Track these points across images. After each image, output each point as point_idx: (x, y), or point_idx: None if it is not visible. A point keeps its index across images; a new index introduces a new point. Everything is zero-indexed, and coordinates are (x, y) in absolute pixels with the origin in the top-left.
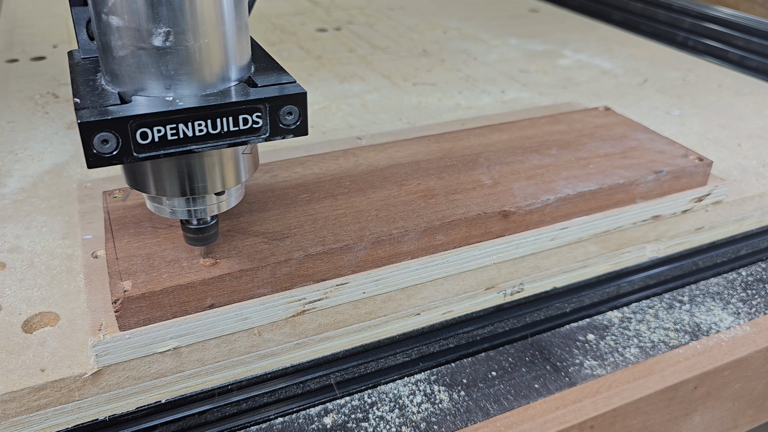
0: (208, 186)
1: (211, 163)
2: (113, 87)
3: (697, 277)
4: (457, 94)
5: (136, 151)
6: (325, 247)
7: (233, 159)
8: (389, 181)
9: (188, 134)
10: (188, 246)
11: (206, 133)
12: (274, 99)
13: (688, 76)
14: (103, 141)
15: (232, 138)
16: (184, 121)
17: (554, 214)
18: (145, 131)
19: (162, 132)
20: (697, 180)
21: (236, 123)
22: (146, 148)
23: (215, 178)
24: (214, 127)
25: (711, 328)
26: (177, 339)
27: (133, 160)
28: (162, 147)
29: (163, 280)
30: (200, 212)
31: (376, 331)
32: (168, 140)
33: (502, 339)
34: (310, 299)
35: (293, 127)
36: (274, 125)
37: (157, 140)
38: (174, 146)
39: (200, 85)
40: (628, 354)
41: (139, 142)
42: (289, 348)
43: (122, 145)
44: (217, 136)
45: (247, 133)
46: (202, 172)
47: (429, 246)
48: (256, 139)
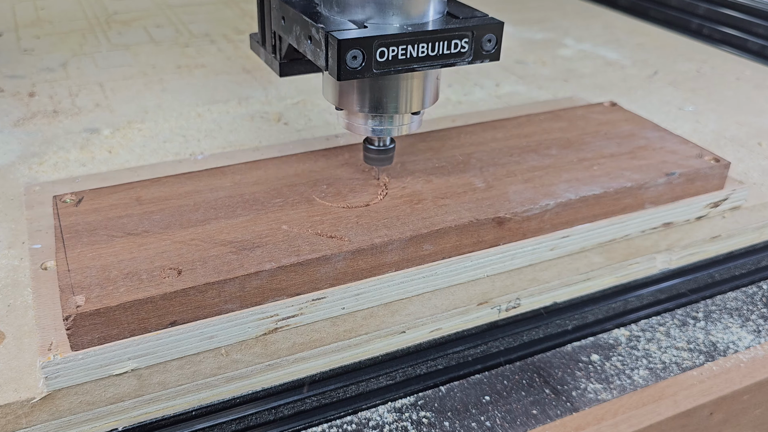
0: (402, 106)
1: (416, 84)
2: (341, 17)
3: (713, 290)
4: (447, 87)
5: (375, 68)
6: (300, 257)
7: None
8: (371, 184)
9: (413, 54)
10: (148, 257)
11: (426, 54)
12: (479, 27)
13: (703, 67)
14: (353, 57)
15: (445, 60)
16: (412, 43)
17: (554, 221)
18: (383, 50)
19: (395, 51)
20: (712, 183)
21: (449, 47)
22: (382, 65)
23: (416, 97)
24: (433, 50)
25: (728, 348)
26: (136, 360)
27: (372, 75)
28: (393, 65)
29: (120, 295)
30: (395, 130)
31: (356, 350)
32: (398, 59)
33: (496, 360)
34: (284, 316)
35: (492, 51)
36: (477, 50)
37: (390, 59)
38: (401, 64)
39: (416, 16)
40: (637, 376)
41: (378, 59)
42: (260, 370)
43: (366, 60)
44: (435, 57)
45: (455, 57)
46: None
47: (415, 256)
48: (462, 62)
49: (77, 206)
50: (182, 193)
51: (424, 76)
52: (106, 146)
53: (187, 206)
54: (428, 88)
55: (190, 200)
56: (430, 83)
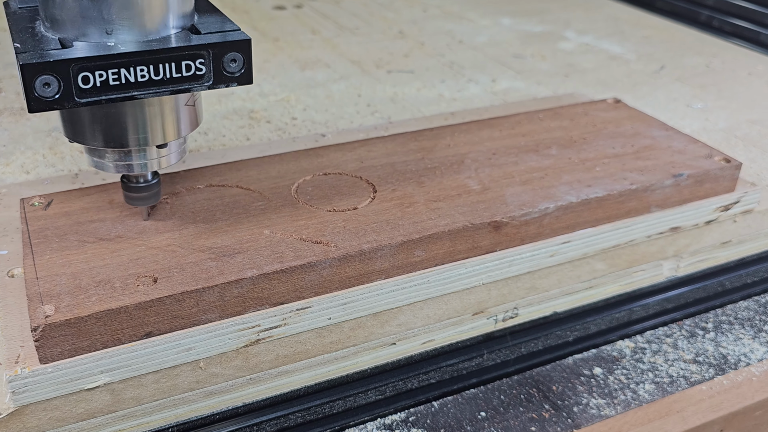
0: (149, 137)
1: (153, 113)
2: (53, 33)
3: (723, 300)
4: (440, 83)
5: (78, 96)
6: (284, 264)
7: (174, 110)
8: (359, 187)
9: (130, 79)
10: (122, 264)
11: (149, 78)
12: (218, 45)
13: (713, 62)
14: (45, 84)
15: (176, 84)
16: (126, 66)
17: (554, 225)
18: (86, 75)
19: (104, 76)
20: (723, 185)
21: (179, 69)
22: (88, 93)
23: (156, 128)
24: (157, 73)
25: (740, 361)
26: (108, 373)
27: (75, 105)
28: (104, 92)
29: (92, 304)
30: (141, 167)
31: (343, 363)
32: (110, 85)
33: (492, 373)
34: (266, 326)
35: (237, 74)
36: (218, 73)
37: (99, 85)
38: (116, 91)
39: (141, 32)
40: (642, 391)
41: (81, 86)
42: (241, 384)
43: (64, 88)
44: (160, 82)
45: (190, 81)
46: (143, 121)
47: (406, 263)
48: (199, 87)
49: (46, 210)
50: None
51: (164, 102)
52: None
53: (163, 210)
54: (180, 115)
55: (166, 204)
56: (181, 109)
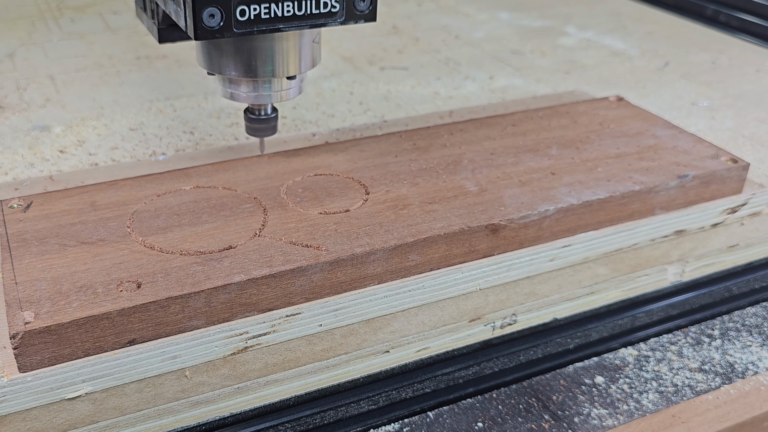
0: (283, 68)
1: (289, 46)
2: None
3: (730, 306)
4: (435, 80)
5: (236, 27)
6: (273, 268)
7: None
8: (351, 188)
9: (278, 13)
10: (104, 268)
11: (293, 14)
12: None
13: (720, 58)
14: (210, 15)
15: (314, 20)
16: (276, 1)
17: (554, 228)
18: (243, 8)
19: (257, 10)
20: (730, 186)
21: (318, 5)
22: (244, 24)
23: (291, 60)
24: (300, 9)
25: (748, 369)
26: (90, 382)
27: (233, 34)
28: (256, 24)
29: (73, 310)
30: (268, 97)
31: (335, 372)
32: (261, 18)
33: (490, 382)
34: (254, 333)
35: (366, 12)
36: (350, 10)
37: (252, 18)
38: (266, 23)
39: None
40: (646, 401)
41: (238, 18)
42: (228, 394)
43: (225, 19)
44: (302, 17)
45: (325, 17)
46: (282, 53)
47: (400, 268)
48: (333, 22)
49: (25, 212)
50: (142, 198)
51: (298, 36)
52: (57, 145)
53: (147, 212)
54: (304, 50)
55: (150, 206)
56: (306, 45)
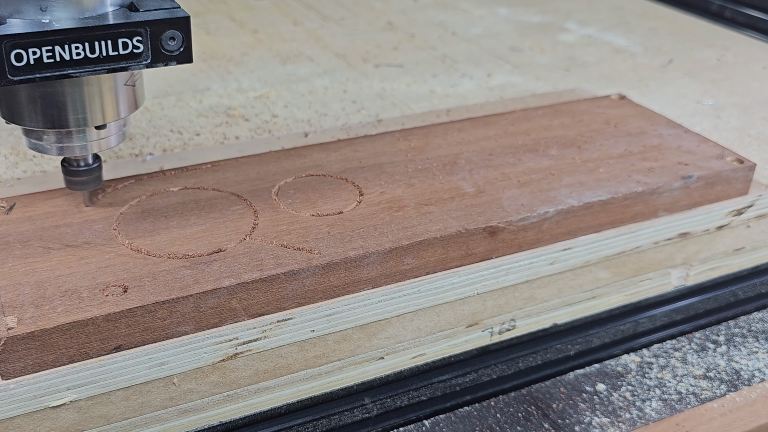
0: (88, 117)
1: (90, 92)
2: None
3: (736, 311)
4: (431, 78)
5: (11, 74)
6: (263, 272)
7: (113, 89)
8: (344, 190)
9: (65, 57)
10: (90, 272)
11: (84, 56)
12: (155, 23)
13: (725, 55)
14: None
15: (112, 63)
16: (61, 43)
17: (554, 230)
18: (19, 52)
19: (38, 54)
20: (735, 187)
21: (115, 47)
22: (22, 70)
23: (95, 108)
24: (92, 51)
25: (754, 376)
26: (75, 390)
27: (8, 83)
28: (38, 70)
29: (58, 315)
30: (80, 149)
31: (327, 379)
32: (44, 63)
33: (488, 390)
34: (244, 339)
35: (176, 53)
36: (156, 51)
37: (32, 62)
38: (51, 69)
39: (77, 9)
40: (649, 409)
41: (14, 63)
42: (218, 401)
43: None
44: (96, 60)
45: (127, 59)
46: (81, 100)
47: (395, 271)
48: (137, 65)
49: (8, 214)
50: (128, 200)
51: (102, 81)
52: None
53: (133, 214)
54: (119, 95)
55: (137, 207)
56: (120, 88)
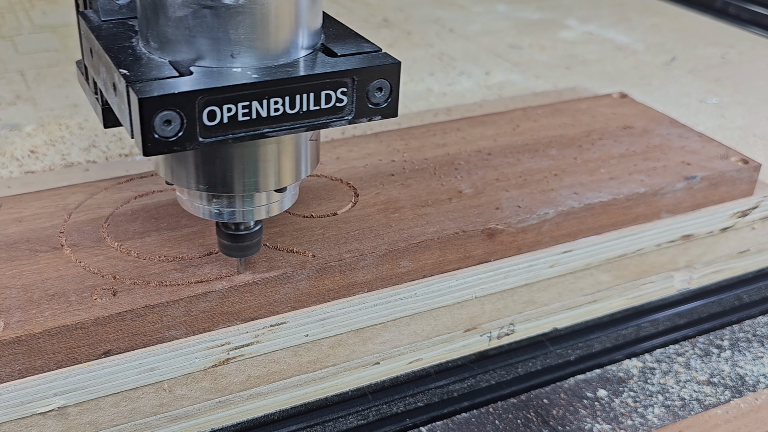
0: (265, 181)
1: (266, 153)
2: (160, 55)
3: (740, 315)
4: (428, 76)
5: (202, 135)
6: (256, 275)
7: (296, 148)
8: (339, 191)
9: (262, 114)
10: (78, 275)
11: (282, 113)
12: (363, 71)
13: (729, 52)
14: (166, 122)
15: (312, 119)
16: (259, 98)
17: (554, 232)
18: (213, 110)
19: (233, 111)
20: (740, 188)
21: (317, 101)
22: (213, 130)
23: (281, 169)
24: (293, 106)
25: (759, 382)
26: (63, 396)
27: (197, 145)
28: (231, 129)
29: (45, 320)
30: (246, 214)
31: (322, 385)
32: (238, 121)
33: (486, 396)
34: (237, 344)
35: (383, 105)
36: (361, 104)
37: (226, 121)
38: (245, 128)
39: (270, 54)
40: (651, 415)
41: (206, 123)
42: (209, 408)
43: (187, 126)
44: (295, 116)
45: (328, 114)
46: (255, 163)
47: (391, 275)
48: (338, 122)
49: None
50: (117, 201)
51: (290, 139)
52: (28, 145)
53: (123, 216)
54: (301, 153)
55: (126, 208)
56: (303, 145)
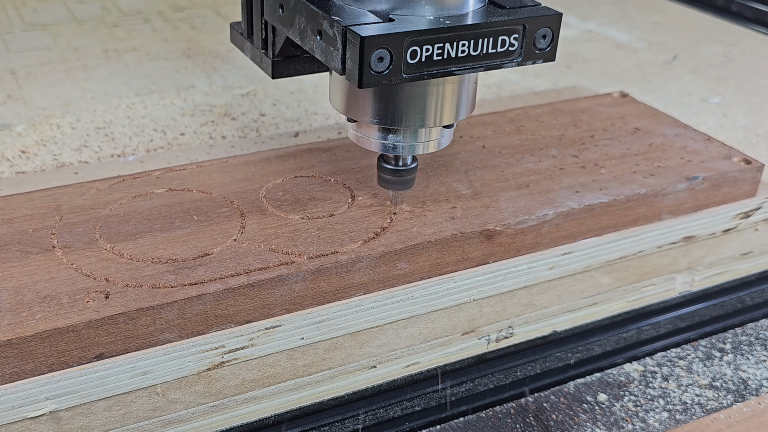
0: (442, 116)
1: (454, 90)
2: (359, 6)
3: (743, 317)
4: None
5: (405, 71)
6: (251, 277)
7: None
8: (335, 191)
9: (452, 54)
10: (70, 277)
11: (467, 54)
12: (531, 20)
13: (732, 51)
14: (379, 59)
15: (489, 60)
16: (450, 41)
17: (554, 234)
18: (415, 50)
19: (429, 51)
20: (743, 189)
21: (495, 45)
22: (414, 67)
23: (456, 106)
24: (475, 48)
25: (762, 386)
26: (55, 400)
27: (401, 80)
28: (427, 67)
29: (36, 322)
30: (419, 147)
31: (318, 389)
32: (433, 60)
33: (484, 400)
34: (231, 347)
35: (546, 50)
36: (528, 49)
37: (423, 60)
38: (438, 66)
39: (455, 5)
40: (652, 420)
41: (409, 61)
42: (203, 412)
43: (394, 63)
44: (477, 57)
45: (501, 57)
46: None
47: (388, 276)
48: (509, 63)
49: None
50: (110, 202)
51: (459, 81)
52: (19, 145)
53: (115, 217)
54: (464, 95)
55: (119, 210)
56: (467, 89)
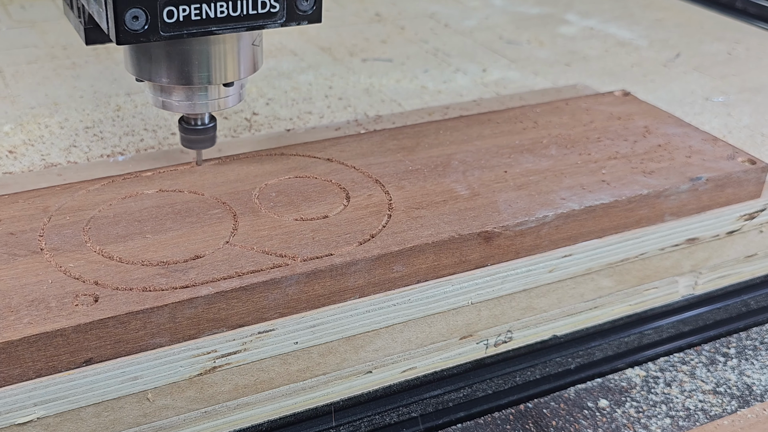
0: (217, 75)
1: (220, 50)
2: None
3: (747, 321)
4: (423, 73)
5: (162, 30)
6: (243, 280)
7: (241, 49)
8: (330, 192)
9: (210, 15)
10: (58, 280)
11: (227, 14)
12: None
13: (736, 48)
14: (134, 17)
15: (251, 21)
16: (207, 2)
17: (553, 236)
18: (171, 9)
19: (187, 11)
20: (747, 190)
21: (255, 6)
22: (171, 26)
23: (223, 66)
24: (234, 9)
25: (767, 391)
26: (43, 406)
27: (159, 38)
28: (186, 26)
29: (24, 327)
30: (204, 106)
31: (312, 394)
32: (191, 20)
33: (483, 406)
34: (223, 352)
35: (310, 12)
36: (291, 11)
37: (181, 19)
38: (197, 26)
39: None
40: (655, 426)
41: (166, 20)
42: (194, 418)
43: (150, 22)
44: (237, 18)
45: (264, 18)
46: (212, 58)
47: (384, 280)
48: (273, 24)
49: None
50: (99, 203)
51: (236, 39)
52: (6, 145)
53: (105, 218)
54: (243, 54)
55: (109, 211)
56: (245, 48)
